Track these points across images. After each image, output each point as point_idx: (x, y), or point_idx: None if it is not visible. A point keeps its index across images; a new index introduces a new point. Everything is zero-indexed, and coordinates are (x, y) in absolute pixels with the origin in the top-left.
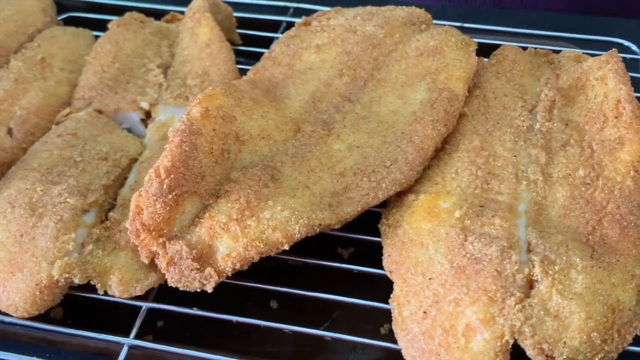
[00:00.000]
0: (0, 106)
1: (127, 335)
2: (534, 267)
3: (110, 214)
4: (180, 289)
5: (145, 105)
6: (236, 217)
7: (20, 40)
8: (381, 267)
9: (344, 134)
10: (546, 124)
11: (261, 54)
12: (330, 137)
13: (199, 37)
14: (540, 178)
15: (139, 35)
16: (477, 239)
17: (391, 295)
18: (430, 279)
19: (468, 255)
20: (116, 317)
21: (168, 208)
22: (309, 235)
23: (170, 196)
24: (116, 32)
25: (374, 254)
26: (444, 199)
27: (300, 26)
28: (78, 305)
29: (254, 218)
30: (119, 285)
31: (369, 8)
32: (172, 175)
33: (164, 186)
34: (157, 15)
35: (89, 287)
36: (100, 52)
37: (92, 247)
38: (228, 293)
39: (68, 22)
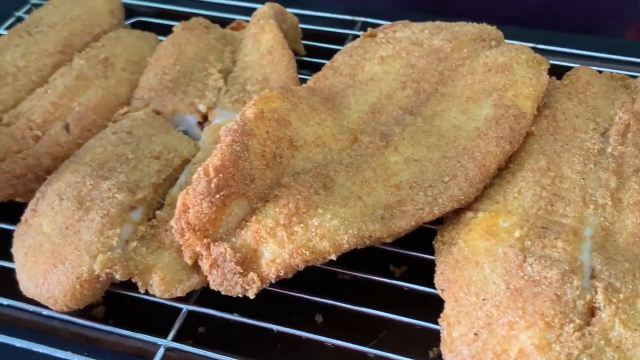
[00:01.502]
0: (59, 101)
1: (166, 337)
2: (596, 293)
3: (158, 212)
4: (222, 293)
5: (202, 108)
6: (283, 223)
7: (85, 40)
8: (434, 287)
9: (402, 146)
10: (619, 147)
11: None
12: (387, 149)
13: (262, 43)
14: (610, 203)
15: (202, 39)
16: (536, 261)
17: (441, 315)
18: (484, 299)
19: (526, 277)
20: (158, 318)
21: (215, 208)
22: (358, 247)
23: (217, 196)
24: (180, 35)
25: (428, 274)
26: (504, 218)
27: (365, 37)
28: (121, 304)
29: (301, 225)
30: (160, 284)
31: (437, 23)
32: (220, 175)
33: (212, 185)
34: (224, 23)
35: (133, 286)
36: (162, 54)
37: (136, 244)
38: (274, 302)
39: (136, 26)
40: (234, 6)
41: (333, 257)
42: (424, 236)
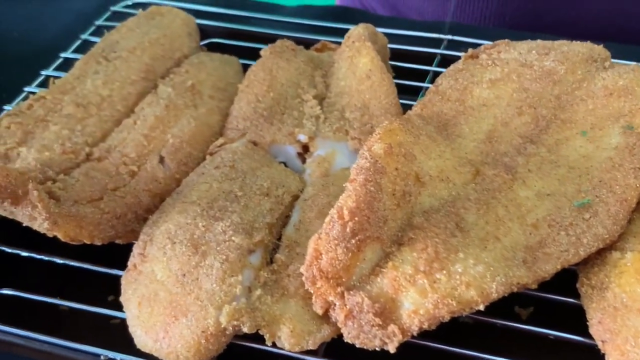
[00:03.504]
0: (152, 133)
1: None
2: None
3: (277, 255)
4: (358, 345)
5: (303, 138)
6: (424, 269)
7: (167, 65)
8: (566, 331)
9: (530, 179)
10: None
11: (415, 87)
12: (515, 183)
13: (358, 67)
14: None
15: (292, 63)
16: None
17: None
18: None
19: None
20: None
21: (350, 254)
22: (505, 294)
23: (353, 241)
24: (269, 60)
25: (556, 316)
26: None
27: (467, 59)
28: (228, 351)
29: (444, 271)
30: (289, 337)
31: (541, 42)
32: (356, 218)
33: (347, 229)
34: (300, 44)
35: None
36: (253, 80)
37: (260, 292)
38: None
39: (211, 48)
40: (306, 25)
41: (481, 307)
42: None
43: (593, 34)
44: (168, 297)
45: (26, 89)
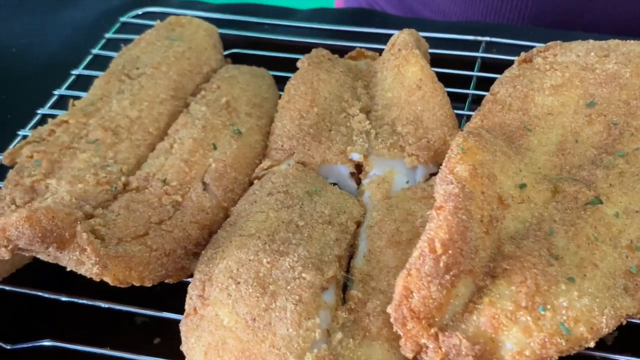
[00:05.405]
0: (192, 157)
1: None
2: None
3: (352, 292)
4: None
5: (356, 157)
6: (525, 305)
7: (196, 81)
8: None
9: (614, 195)
10: None
11: (460, 94)
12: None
13: (407, 77)
14: None
15: (332, 75)
16: None
17: None
18: None
19: None
20: None
21: (445, 292)
22: (614, 329)
23: (447, 277)
24: (309, 72)
25: None
26: None
27: (521, 63)
28: None
29: (548, 306)
30: None
31: (596, 43)
32: (449, 251)
33: (440, 264)
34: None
35: None
36: (294, 94)
37: (340, 335)
38: None
39: (233, 59)
40: (326, 30)
41: (591, 344)
42: None
43: (631, 31)
44: (239, 345)
45: (40, 111)
